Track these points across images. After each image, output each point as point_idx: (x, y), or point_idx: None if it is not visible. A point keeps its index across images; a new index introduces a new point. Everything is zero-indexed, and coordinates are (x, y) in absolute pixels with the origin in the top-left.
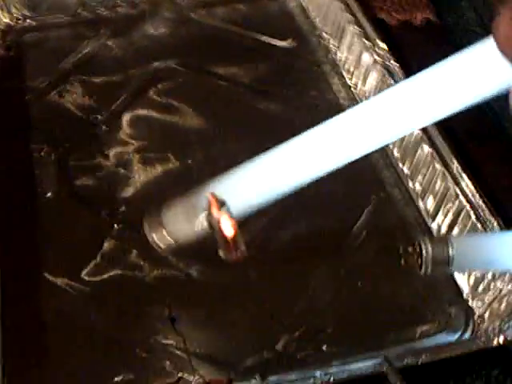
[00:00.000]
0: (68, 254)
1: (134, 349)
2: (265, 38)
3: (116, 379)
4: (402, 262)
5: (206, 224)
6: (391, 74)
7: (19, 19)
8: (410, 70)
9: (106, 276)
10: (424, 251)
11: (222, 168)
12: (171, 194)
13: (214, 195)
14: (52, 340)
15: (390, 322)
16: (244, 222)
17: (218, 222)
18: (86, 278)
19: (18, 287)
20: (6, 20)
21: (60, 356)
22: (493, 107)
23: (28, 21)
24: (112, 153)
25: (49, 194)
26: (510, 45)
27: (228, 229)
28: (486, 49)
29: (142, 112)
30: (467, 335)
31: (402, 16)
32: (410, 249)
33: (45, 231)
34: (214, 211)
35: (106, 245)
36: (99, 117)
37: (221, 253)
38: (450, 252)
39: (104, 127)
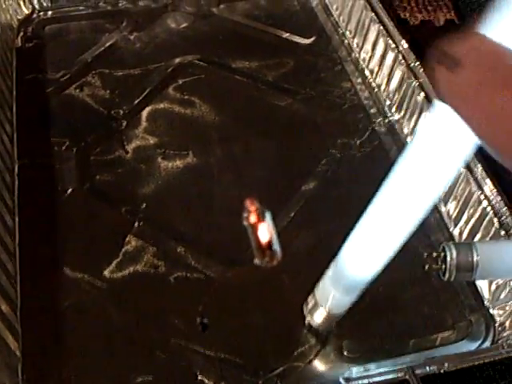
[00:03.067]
0: (88, 249)
1: (154, 349)
2: (287, 35)
3: (135, 380)
4: (426, 267)
5: None
6: (414, 74)
7: (40, 11)
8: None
9: (125, 273)
10: (448, 257)
11: (242, 166)
12: (191, 190)
13: (252, 201)
14: (70, 337)
15: (410, 329)
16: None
17: (256, 229)
18: (106, 275)
19: (37, 281)
20: (27, 11)
21: (78, 354)
22: None
23: (49, 12)
24: (132, 148)
25: (70, 190)
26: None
27: (265, 236)
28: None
29: (163, 107)
30: (488, 343)
31: (424, 16)
32: (435, 254)
33: (65, 226)
34: (252, 217)
35: (127, 242)
36: (120, 111)
37: (256, 260)
38: (475, 258)
39: (125, 122)
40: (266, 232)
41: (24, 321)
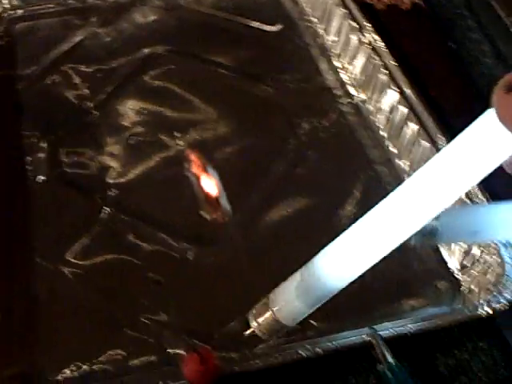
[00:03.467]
0: (59, 237)
1: (123, 327)
2: (253, 23)
3: (105, 354)
4: None
5: None
6: (379, 55)
7: (9, 9)
8: (397, 53)
9: (97, 258)
10: None
11: (212, 150)
12: (162, 176)
13: (193, 153)
14: (43, 320)
15: (378, 297)
16: (234, 201)
17: (199, 179)
18: (77, 261)
19: (9, 270)
20: None
21: (50, 335)
22: (477, 83)
23: (18, 10)
24: (104, 139)
25: (40, 179)
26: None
27: (210, 187)
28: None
29: (133, 98)
30: (454, 303)
31: (389, 0)
32: None
33: (36, 215)
34: (195, 169)
35: (98, 228)
36: (91, 104)
37: (203, 212)
38: (435, 223)
39: (96, 114)
40: (212, 185)
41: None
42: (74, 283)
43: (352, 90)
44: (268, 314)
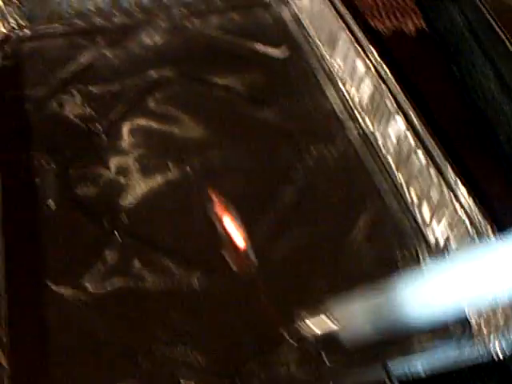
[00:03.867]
0: (70, 262)
1: (137, 358)
2: (259, 47)
3: None
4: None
5: None
6: (385, 82)
7: (16, 29)
8: (402, 78)
9: (108, 285)
10: (421, 258)
11: (220, 176)
12: (170, 202)
13: (215, 195)
14: (55, 348)
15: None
16: (244, 232)
17: (222, 221)
18: (89, 287)
19: (21, 295)
20: (4, 30)
21: (63, 364)
22: (486, 114)
23: (25, 30)
24: (112, 162)
25: (50, 203)
26: None
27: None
28: None
29: (140, 121)
30: (465, 345)
31: (394, 24)
32: (407, 253)
33: (47, 240)
34: (218, 210)
35: (108, 254)
36: (98, 126)
37: (225, 254)
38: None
39: (103, 136)
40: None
41: (11, 334)
42: (86, 311)
43: (359, 117)
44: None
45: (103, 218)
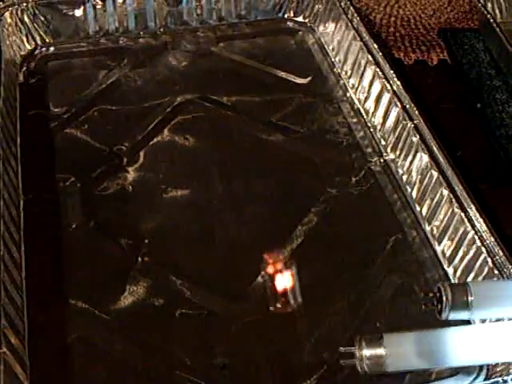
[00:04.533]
0: (93, 283)
1: (158, 381)
2: (284, 74)
3: None
4: (423, 307)
5: None
6: (409, 115)
7: (42, 47)
8: (424, 109)
9: (130, 307)
10: (444, 297)
11: (241, 202)
12: (192, 226)
13: (271, 252)
14: (76, 367)
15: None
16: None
17: (274, 278)
18: (111, 308)
19: (43, 314)
20: (30, 47)
21: (81, 381)
22: (507, 148)
23: (51, 48)
24: (135, 184)
25: (74, 225)
26: None
27: (282, 285)
28: None
29: (164, 144)
30: (481, 378)
31: (418, 56)
32: (431, 294)
33: (70, 260)
34: (270, 268)
35: (131, 276)
36: (122, 148)
37: (271, 307)
38: (470, 298)
39: (126, 158)
40: (282, 282)
41: (32, 353)
42: (105, 330)
43: (382, 149)
44: (379, 352)
45: (125, 239)
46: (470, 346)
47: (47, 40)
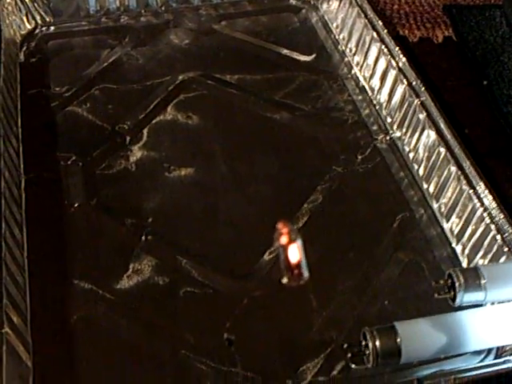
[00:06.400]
0: (96, 263)
1: (162, 361)
2: (287, 52)
3: None
4: (435, 295)
5: None
6: (415, 92)
7: (43, 26)
8: (432, 87)
9: (134, 287)
10: (457, 283)
11: (245, 180)
12: (196, 205)
13: (285, 223)
14: (79, 348)
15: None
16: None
17: (287, 250)
18: (115, 287)
19: (46, 294)
20: (30, 26)
21: (87, 365)
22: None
23: (51, 27)
24: (137, 162)
25: (76, 204)
26: None
27: (295, 256)
28: None
29: (166, 122)
30: (491, 357)
31: (423, 33)
32: (443, 281)
33: (73, 240)
34: (284, 239)
35: (135, 255)
36: (124, 126)
37: (284, 279)
38: (483, 281)
39: (128, 137)
40: (296, 252)
41: (34, 332)
42: (110, 310)
43: (388, 126)
44: (392, 342)
45: (128, 218)
46: (485, 329)
47: (47, 19)
